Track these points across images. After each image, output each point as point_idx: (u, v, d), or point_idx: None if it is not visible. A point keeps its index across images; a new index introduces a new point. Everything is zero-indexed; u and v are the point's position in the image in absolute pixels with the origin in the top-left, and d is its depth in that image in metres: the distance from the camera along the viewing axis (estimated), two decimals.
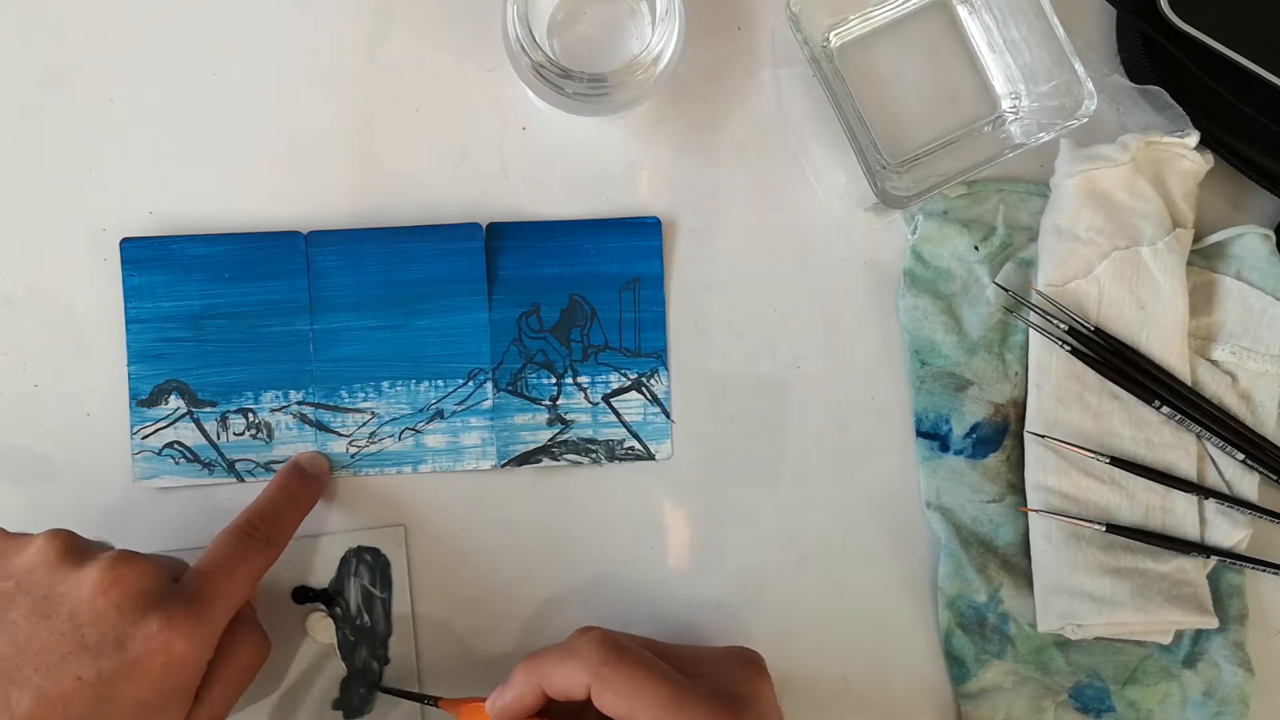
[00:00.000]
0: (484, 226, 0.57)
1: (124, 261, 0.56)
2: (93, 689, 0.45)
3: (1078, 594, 0.55)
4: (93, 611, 0.45)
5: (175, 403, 0.56)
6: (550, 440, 0.57)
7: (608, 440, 0.57)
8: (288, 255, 0.56)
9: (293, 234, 0.57)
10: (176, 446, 0.56)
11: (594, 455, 0.57)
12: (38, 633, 0.45)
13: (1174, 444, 0.56)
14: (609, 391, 0.57)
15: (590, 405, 0.57)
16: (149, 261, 0.56)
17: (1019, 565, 0.57)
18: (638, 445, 0.57)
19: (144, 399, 0.56)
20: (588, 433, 0.57)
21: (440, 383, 0.57)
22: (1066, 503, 0.56)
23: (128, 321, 0.56)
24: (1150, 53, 0.57)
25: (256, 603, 0.54)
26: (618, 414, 0.57)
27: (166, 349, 0.56)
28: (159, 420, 0.56)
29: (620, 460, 0.57)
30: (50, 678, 0.45)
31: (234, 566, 0.50)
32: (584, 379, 0.57)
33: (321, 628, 0.55)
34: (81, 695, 0.45)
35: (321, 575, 0.56)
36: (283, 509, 0.53)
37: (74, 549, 0.47)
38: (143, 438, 0.56)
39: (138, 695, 0.45)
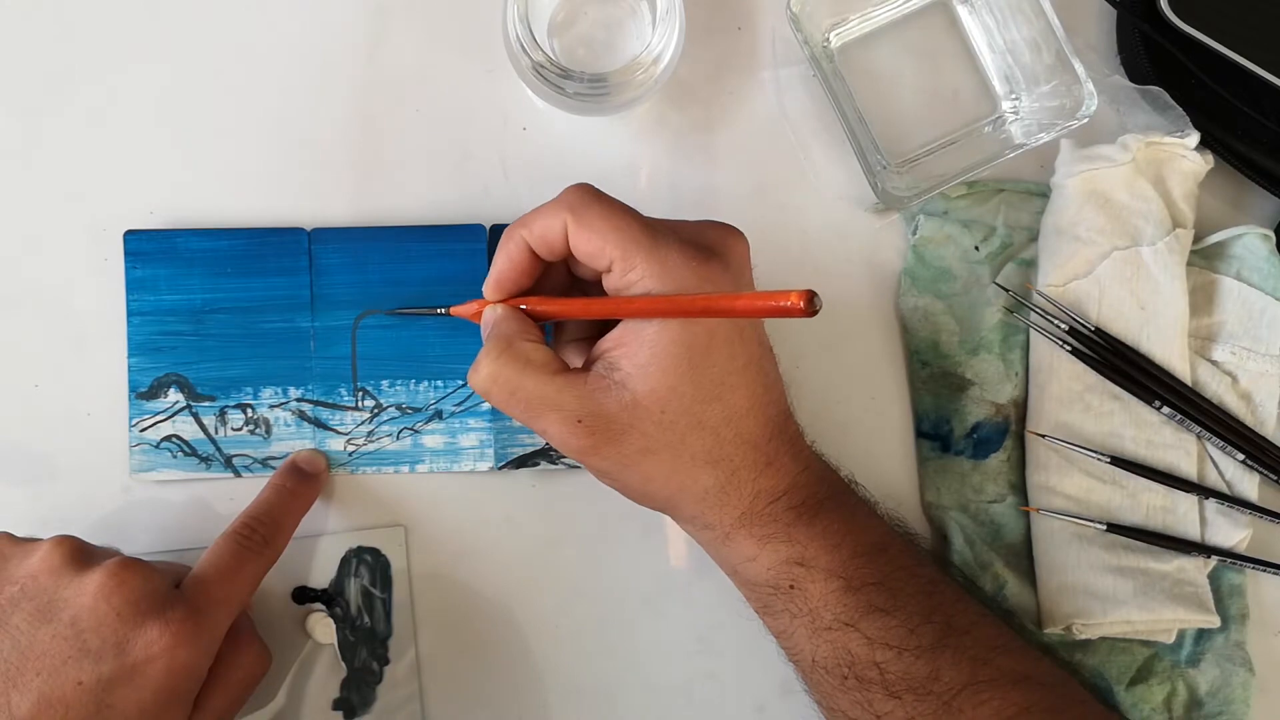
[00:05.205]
0: (488, 228, 0.57)
1: (127, 253, 0.56)
2: (93, 694, 0.45)
3: (1081, 593, 0.55)
4: (94, 617, 0.46)
5: (174, 396, 0.56)
6: (548, 444, 0.57)
7: None
8: (291, 251, 0.56)
9: (296, 230, 0.56)
10: (174, 440, 0.56)
11: None
12: (40, 637, 0.45)
13: (1174, 444, 0.56)
14: None
15: None
16: (152, 254, 0.56)
17: (1021, 565, 0.57)
18: None
19: (143, 391, 0.56)
20: None
21: (440, 383, 0.57)
22: (1068, 503, 0.56)
23: (129, 314, 0.56)
24: (1150, 53, 0.57)
25: (254, 607, 0.54)
26: None
27: (167, 342, 0.56)
28: (157, 413, 0.56)
29: None
30: (51, 681, 0.45)
31: (233, 571, 0.50)
32: None
33: (321, 628, 0.55)
34: (81, 700, 0.45)
35: (321, 575, 0.56)
36: (280, 510, 0.53)
37: (78, 555, 0.48)
38: (141, 430, 0.56)
39: (138, 700, 0.45)
